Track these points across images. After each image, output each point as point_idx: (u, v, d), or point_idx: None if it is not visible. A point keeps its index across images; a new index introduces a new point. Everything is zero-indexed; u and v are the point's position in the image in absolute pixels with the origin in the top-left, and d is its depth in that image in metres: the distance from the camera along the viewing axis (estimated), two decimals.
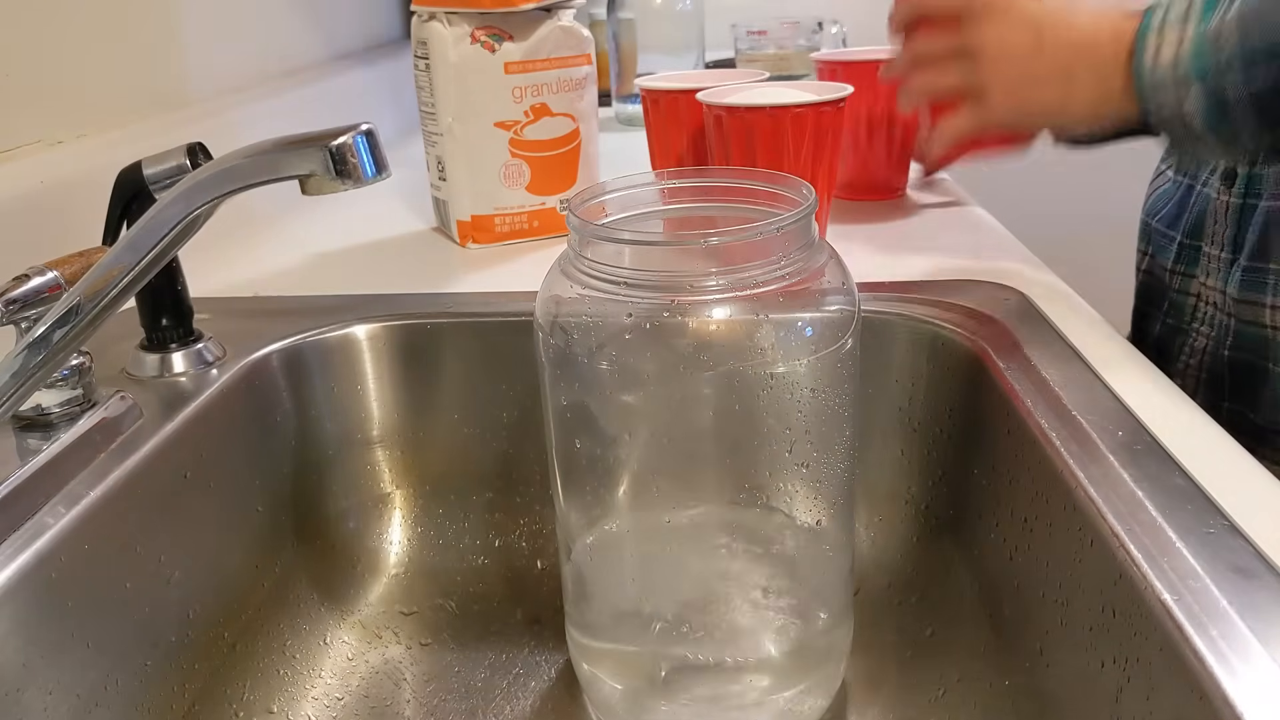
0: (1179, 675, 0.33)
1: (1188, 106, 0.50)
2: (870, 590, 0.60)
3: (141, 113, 0.79)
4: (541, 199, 0.81)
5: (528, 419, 0.65)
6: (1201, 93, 0.49)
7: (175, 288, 0.57)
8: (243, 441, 0.58)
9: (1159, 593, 0.35)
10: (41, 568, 0.42)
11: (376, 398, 0.65)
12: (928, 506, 0.61)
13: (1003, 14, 0.59)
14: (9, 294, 0.46)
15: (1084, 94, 0.56)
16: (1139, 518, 0.40)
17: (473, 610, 0.62)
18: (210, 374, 0.57)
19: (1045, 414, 0.48)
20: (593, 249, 0.44)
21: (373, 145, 0.41)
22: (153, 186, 0.51)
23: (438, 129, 0.78)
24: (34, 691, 0.41)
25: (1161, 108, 0.51)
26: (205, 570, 0.53)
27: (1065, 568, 0.44)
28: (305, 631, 0.59)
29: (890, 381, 0.61)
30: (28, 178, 0.63)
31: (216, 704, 0.52)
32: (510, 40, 0.76)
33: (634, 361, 0.44)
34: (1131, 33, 0.53)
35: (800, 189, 0.46)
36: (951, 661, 0.54)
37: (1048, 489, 0.46)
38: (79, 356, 0.51)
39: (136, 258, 0.43)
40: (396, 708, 0.56)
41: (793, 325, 0.44)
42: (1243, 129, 0.49)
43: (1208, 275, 0.71)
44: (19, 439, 0.49)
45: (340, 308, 0.66)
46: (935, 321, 0.60)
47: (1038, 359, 0.53)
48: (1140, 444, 0.45)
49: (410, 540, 0.66)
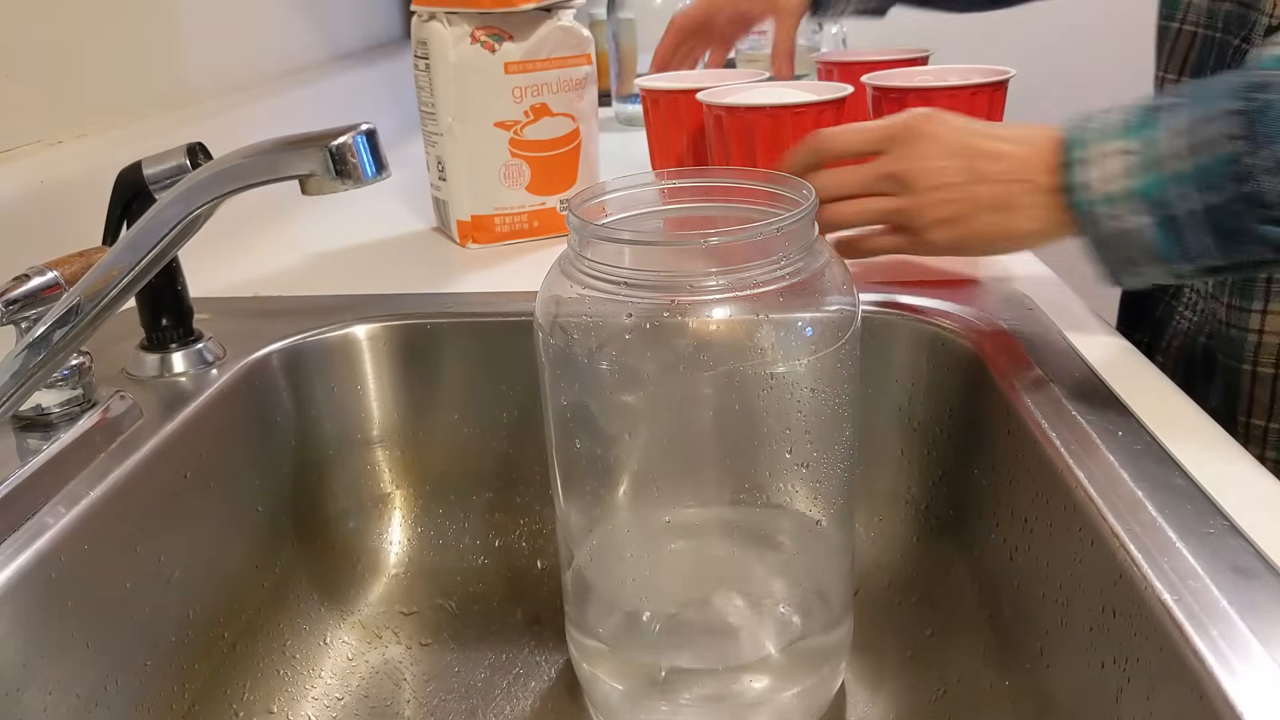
0: (1179, 675, 0.33)
1: (1132, 224, 0.48)
2: (870, 590, 0.60)
3: (141, 113, 0.79)
4: (541, 199, 0.81)
5: (528, 419, 0.65)
6: (1149, 210, 0.48)
7: (175, 288, 0.57)
8: (243, 441, 0.58)
9: (1159, 593, 0.35)
10: (41, 568, 0.42)
11: (376, 398, 0.65)
12: (928, 506, 0.61)
13: (931, 142, 0.56)
14: (9, 294, 0.46)
15: (1025, 224, 0.54)
16: (1139, 518, 0.40)
17: (473, 610, 0.62)
18: (210, 374, 0.57)
19: (1045, 414, 0.48)
20: (593, 249, 0.44)
21: (373, 145, 0.41)
22: (153, 186, 0.51)
23: (438, 129, 0.78)
24: (34, 691, 0.41)
25: (1107, 227, 0.49)
26: (205, 570, 0.53)
27: (1065, 568, 0.44)
28: (305, 631, 0.59)
29: (890, 381, 0.61)
30: (28, 178, 0.63)
31: (216, 704, 0.52)
32: (510, 40, 0.76)
33: (634, 361, 0.44)
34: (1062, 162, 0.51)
35: (800, 189, 0.46)
36: (951, 661, 0.54)
37: (1048, 489, 0.46)
38: (79, 356, 0.51)
39: (136, 258, 0.43)
40: (396, 708, 0.56)
41: (793, 325, 0.44)
42: (1193, 244, 0.48)
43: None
44: (19, 439, 0.49)
45: (340, 308, 0.66)
46: (935, 321, 0.60)
47: (1038, 359, 0.53)
48: (1140, 444, 0.45)
49: (410, 540, 0.66)
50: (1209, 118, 0.46)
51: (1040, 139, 0.53)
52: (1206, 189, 0.46)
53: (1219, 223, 0.47)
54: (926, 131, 0.56)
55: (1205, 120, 0.46)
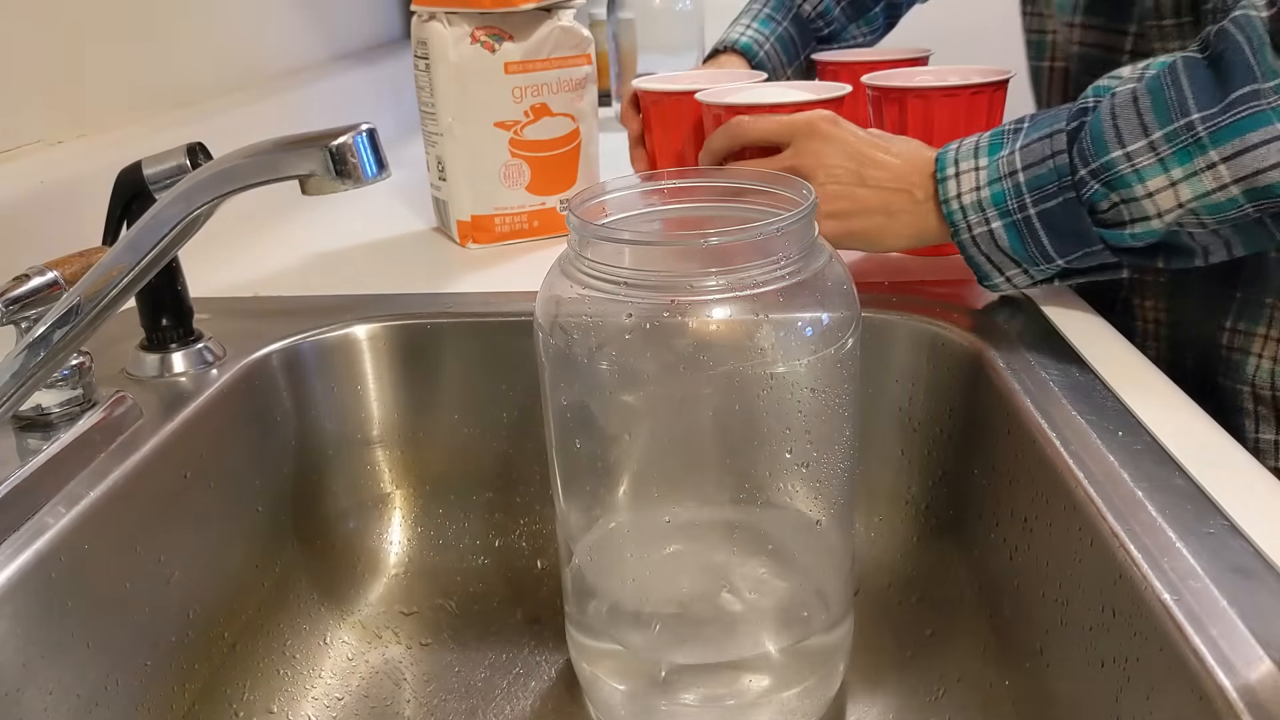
0: (1179, 675, 0.33)
1: (993, 226, 0.56)
2: (870, 590, 0.60)
3: (141, 113, 0.79)
4: (541, 199, 0.81)
5: (528, 419, 0.65)
6: (999, 215, 0.56)
7: (175, 288, 0.57)
8: (243, 441, 0.58)
9: (1159, 593, 0.35)
10: (41, 568, 0.42)
11: (376, 398, 0.65)
12: (928, 506, 0.61)
13: (826, 141, 0.62)
14: (9, 294, 0.46)
15: (903, 229, 0.60)
16: (1139, 518, 0.40)
17: (473, 610, 0.62)
18: (210, 374, 0.57)
19: (1045, 414, 0.48)
20: (593, 249, 0.44)
21: (373, 145, 0.41)
22: (153, 186, 0.51)
23: (438, 129, 0.78)
24: (34, 691, 0.41)
25: (970, 232, 0.57)
26: (205, 570, 0.53)
27: (1065, 568, 0.44)
28: (305, 631, 0.59)
29: (890, 381, 0.61)
30: (28, 178, 0.63)
31: (216, 704, 0.52)
32: (510, 40, 0.76)
33: (634, 361, 0.44)
34: (933, 177, 0.59)
35: (800, 189, 0.46)
36: (951, 661, 0.54)
37: (1048, 489, 0.46)
38: (79, 356, 0.51)
39: (136, 258, 0.43)
40: (396, 708, 0.56)
41: (793, 325, 0.44)
42: (1040, 244, 0.55)
43: (1144, 295, 0.72)
44: (19, 439, 0.49)
45: (340, 308, 0.66)
46: (935, 321, 0.60)
47: (1037, 359, 0.53)
48: (1140, 444, 0.45)
49: (410, 540, 0.66)
50: (1043, 136, 0.55)
51: (917, 156, 0.61)
52: (1042, 197, 0.54)
53: (1056, 225, 0.54)
54: (826, 133, 0.63)
55: (1041, 139, 0.55)
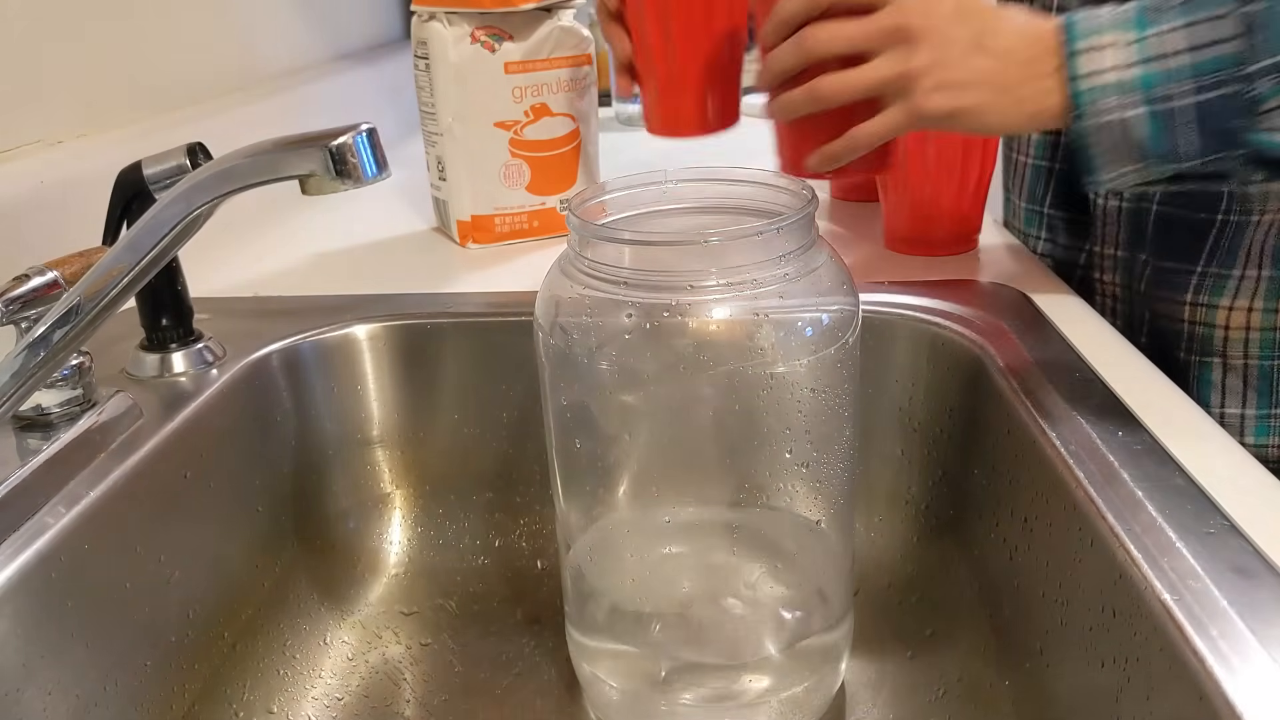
0: (1179, 675, 0.33)
1: (1131, 114, 0.48)
2: (870, 590, 0.60)
3: (141, 113, 0.79)
4: (541, 199, 0.81)
5: (528, 419, 0.65)
6: (1145, 101, 0.47)
7: (175, 288, 0.57)
8: (243, 441, 0.58)
9: (1159, 593, 0.35)
10: (41, 568, 0.42)
11: (376, 398, 0.65)
12: (928, 506, 0.61)
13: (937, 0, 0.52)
14: (9, 294, 0.46)
15: (1016, 108, 0.52)
16: (1139, 518, 0.40)
17: (473, 610, 0.62)
18: (210, 374, 0.57)
19: (1045, 414, 0.48)
20: (593, 249, 0.44)
21: (373, 145, 0.41)
22: (153, 186, 0.51)
23: (438, 129, 0.78)
24: (34, 691, 0.41)
25: (1101, 118, 0.49)
26: (205, 570, 0.53)
27: (1065, 568, 0.44)
28: (305, 631, 0.59)
29: (890, 381, 0.61)
30: (28, 178, 0.63)
31: (216, 704, 0.52)
32: (510, 40, 0.76)
33: (634, 361, 0.44)
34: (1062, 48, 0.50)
35: (800, 189, 0.46)
36: (951, 661, 0.54)
37: (1048, 489, 0.46)
38: (79, 356, 0.51)
39: (136, 258, 0.43)
40: (396, 708, 0.56)
41: (793, 325, 0.44)
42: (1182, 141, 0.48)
43: (1103, 272, 0.70)
44: (19, 439, 0.49)
45: (340, 308, 0.66)
46: (935, 321, 0.60)
47: (1038, 359, 0.53)
48: (1140, 444, 0.45)
49: (410, 540, 0.66)
50: (1210, 17, 0.46)
51: (1034, 23, 0.51)
52: (1204, 87, 0.46)
53: (1210, 122, 0.46)
54: None
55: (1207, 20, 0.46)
